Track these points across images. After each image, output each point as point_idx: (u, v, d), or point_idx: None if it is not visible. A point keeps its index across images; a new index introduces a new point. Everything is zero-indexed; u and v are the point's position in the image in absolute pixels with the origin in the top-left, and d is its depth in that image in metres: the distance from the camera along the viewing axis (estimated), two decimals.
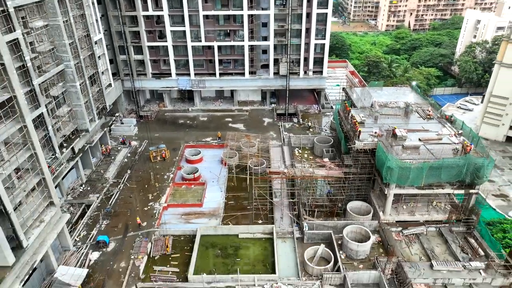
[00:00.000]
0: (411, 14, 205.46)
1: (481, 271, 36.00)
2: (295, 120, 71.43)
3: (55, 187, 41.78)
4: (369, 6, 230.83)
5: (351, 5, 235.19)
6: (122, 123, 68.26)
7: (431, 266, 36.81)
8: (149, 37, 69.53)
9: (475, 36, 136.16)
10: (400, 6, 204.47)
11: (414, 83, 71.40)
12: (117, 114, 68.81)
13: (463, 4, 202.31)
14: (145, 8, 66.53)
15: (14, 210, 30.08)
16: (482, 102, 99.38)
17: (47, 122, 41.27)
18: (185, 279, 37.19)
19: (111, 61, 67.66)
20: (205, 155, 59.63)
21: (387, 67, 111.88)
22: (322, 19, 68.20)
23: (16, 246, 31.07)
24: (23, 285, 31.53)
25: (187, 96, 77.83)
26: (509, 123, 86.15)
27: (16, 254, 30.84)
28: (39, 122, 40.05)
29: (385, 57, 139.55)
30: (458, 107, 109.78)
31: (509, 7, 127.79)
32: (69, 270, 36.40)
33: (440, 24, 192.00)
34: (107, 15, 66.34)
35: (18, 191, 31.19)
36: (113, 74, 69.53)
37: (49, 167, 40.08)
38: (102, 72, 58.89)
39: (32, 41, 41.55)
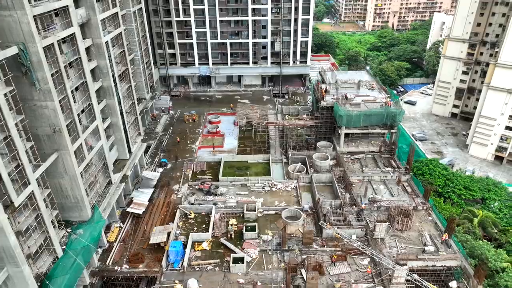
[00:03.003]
0: (394, 15, 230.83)
1: (390, 172, 61.48)
2: (286, 97, 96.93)
3: None
4: (358, 8, 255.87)
5: (342, 7, 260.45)
6: (160, 99, 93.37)
7: (362, 171, 62.26)
8: (179, 36, 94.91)
9: (441, 35, 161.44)
10: (384, 8, 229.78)
11: (368, 67, 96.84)
12: (156, 93, 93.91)
13: (440, 7, 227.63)
14: (177, 15, 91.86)
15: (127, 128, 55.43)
16: None
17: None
18: (216, 180, 62.44)
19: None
20: (222, 119, 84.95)
21: (364, 60, 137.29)
22: (305, 22, 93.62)
23: (128, 151, 56.40)
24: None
25: (206, 80, 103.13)
26: (452, 102, 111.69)
27: (126, 156, 56.21)
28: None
29: (366, 53, 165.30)
30: (420, 93, 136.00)
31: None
32: (149, 172, 61.85)
33: (419, 25, 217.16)
34: (150, 20, 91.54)
35: (128, 120, 56.54)
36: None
37: None
38: (149, 61, 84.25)
39: None
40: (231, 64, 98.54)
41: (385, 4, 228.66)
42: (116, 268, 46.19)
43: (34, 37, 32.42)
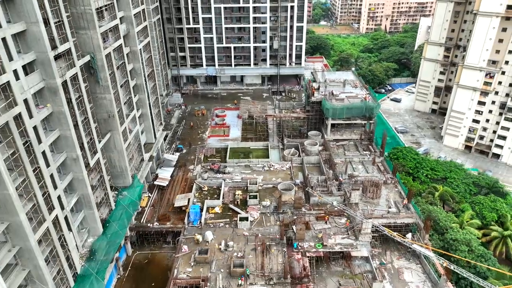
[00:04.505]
0: (387, 19, 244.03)
1: (367, 155, 74.78)
2: (283, 94, 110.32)
3: None
4: (353, 11, 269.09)
5: (338, 11, 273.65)
6: (172, 96, 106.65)
7: (345, 154, 75.57)
8: (189, 41, 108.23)
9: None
10: (377, 12, 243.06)
11: (353, 69, 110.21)
12: (170, 90, 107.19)
13: (430, 11, 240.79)
14: (188, 23, 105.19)
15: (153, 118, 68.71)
16: None
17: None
18: (224, 162, 75.65)
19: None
20: (228, 113, 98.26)
21: (355, 61, 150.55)
22: (300, 29, 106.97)
23: (154, 136, 69.66)
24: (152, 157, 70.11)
25: (212, 80, 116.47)
26: (432, 99, 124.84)
27: (153, 140, 69.49)
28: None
29: (358, 54, 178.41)
30: (406, 91, 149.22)
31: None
32: (169, 155, 75.14)
33: (410, 28, 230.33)
34: (163, 27, 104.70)
35: (151, 111, 69.78)
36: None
37: None
38: (165, 63, 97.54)
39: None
40: (235, 65, 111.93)
41: (378, 8, 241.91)
42: (149, 225, 59.50)
43: (100, 48, 45.70)
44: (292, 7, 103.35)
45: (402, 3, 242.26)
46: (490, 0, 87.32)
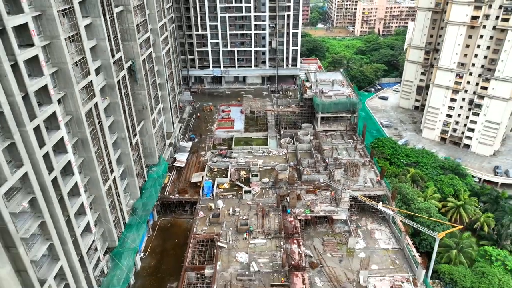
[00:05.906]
0: (380, 22, 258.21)
1: (351, 142, 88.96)
2: (281, 92, 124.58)
3: None
4: (348, 15, 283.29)
5: (334, 14, 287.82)
6: (183, 94, 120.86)
7: (332, 142, 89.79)
8: (198, 45, 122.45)
9: None
10: (371, 15, 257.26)
11: (341, 69, 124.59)
12: (181, 89, 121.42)
13: None
14: (197, 29, 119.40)
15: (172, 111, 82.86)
16: None
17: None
18: (230, 149, 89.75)
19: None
20: (232, 109, 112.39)
21: (347, 63, 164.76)
22: (295, 35, 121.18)
23: (172, 126, 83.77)
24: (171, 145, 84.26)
25: (218, 79, 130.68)
26: (414, 97, 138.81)
27: (172, 129, 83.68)
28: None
29: (352, 56, 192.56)
30: (393, 90, 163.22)
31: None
32: (184, 143, 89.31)
33: (402, 31, 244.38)
34: (175, 34, 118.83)
35: (171, 105, 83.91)
36: None
37: None
38: (178, 65, 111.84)
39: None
40: (238, 67, 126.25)
41: (371, 12, 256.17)
42: (171, 196, 73.69)
43: (139, 55, 59.89)
44: (288, 15, 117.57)
45: (394, 7, 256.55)
46: (458, 11, 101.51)
